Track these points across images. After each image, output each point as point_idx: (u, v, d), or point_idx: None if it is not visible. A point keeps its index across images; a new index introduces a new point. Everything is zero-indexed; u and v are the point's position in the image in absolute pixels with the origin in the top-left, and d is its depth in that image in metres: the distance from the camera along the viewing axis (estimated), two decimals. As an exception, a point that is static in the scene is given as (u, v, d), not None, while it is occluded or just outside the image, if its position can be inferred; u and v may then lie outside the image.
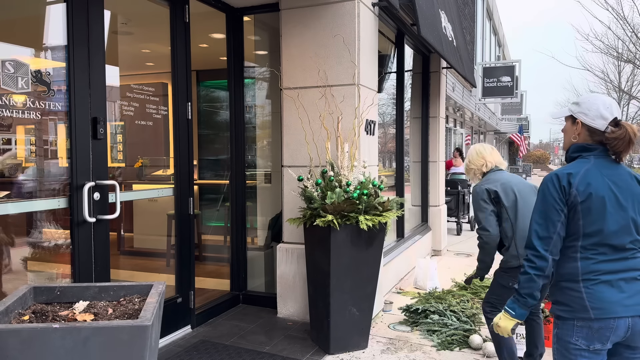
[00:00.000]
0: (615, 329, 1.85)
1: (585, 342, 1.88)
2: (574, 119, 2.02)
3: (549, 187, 1.94)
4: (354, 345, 3.70)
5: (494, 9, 19.67)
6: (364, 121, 4.06)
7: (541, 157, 53.94)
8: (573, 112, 2.02)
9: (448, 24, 6.12)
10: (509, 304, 2.07)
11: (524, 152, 29.58)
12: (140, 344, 1.71)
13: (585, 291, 1.89)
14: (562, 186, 1.92)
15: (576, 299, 1.90)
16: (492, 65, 14.54)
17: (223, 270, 4.98)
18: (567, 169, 1.95)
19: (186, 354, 3.55)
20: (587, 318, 1.87)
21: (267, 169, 4.93)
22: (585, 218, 1.89)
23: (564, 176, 1.92)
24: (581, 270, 1.91)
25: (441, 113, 7.47)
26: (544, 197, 1.95)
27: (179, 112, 3.88)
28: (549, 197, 1.93)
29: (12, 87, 2.61)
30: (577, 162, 1.98)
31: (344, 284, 3.55)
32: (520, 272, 1.99)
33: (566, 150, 2.06)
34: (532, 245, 1.95)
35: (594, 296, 1.87)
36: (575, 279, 1.92)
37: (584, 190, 1.89)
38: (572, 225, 1.92)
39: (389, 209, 3.69)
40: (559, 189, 1.92)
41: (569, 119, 2.05)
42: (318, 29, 4.10)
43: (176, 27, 3.83)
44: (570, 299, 1.92)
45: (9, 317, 1.83)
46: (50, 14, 2.98)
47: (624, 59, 22.79)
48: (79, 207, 2.92)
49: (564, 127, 2.10)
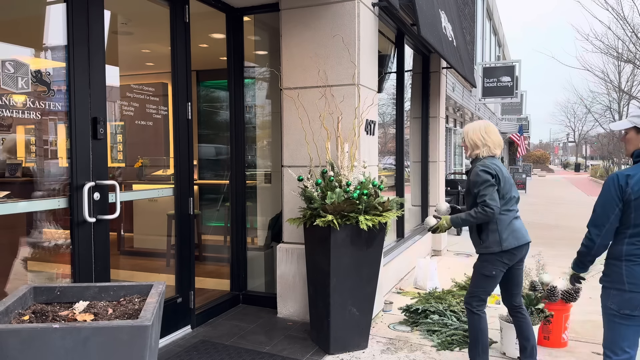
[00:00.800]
0: None
1: (617, 307, 2.42)
2: (638, 129, 2.47)
3: (610, 184, 2.42)
4: (354, 345, 3.70)
5: (494, 9, 19.67)
6: (364, 121, 4.06)
7: (541, 157, 53.92)
8: (637, 123, 2.47)
9: (448, 24, 6.12)
10: (572, 266, 2.70)
11: (523, 152, 29.57)
12: (140, 344, 1.71)
13: (625, 269, 2.40)
14: (620, 185, 2.39)
15: (617, 273, 2.43)
16: (492, 65, 14.54)
17: (223, 270, 4.99)
18: (627, 171, 2.42)
19: (186, 354, 3.55)
20: (621, 289, 2.40)
21: (267, 169, 4.93)
22: (636, 212, 2.36)
23: (622, 177, 2.39)
24: (625, 252, 2.41)
25: (441, 113, 7.47)
26: (606, 192, 2.43)
27: (179, 112, 3.88)
28: (609, 192, 2.42)
29: (12, 87, 2.61)
30: (637, 166, 2.43)
31: (344, 284, 3.55)
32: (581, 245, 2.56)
33: (631, 155, 2.51)
34: (588, 228, 2.49)
35: (630, 273, 2.38)
36: (620, 258, 2.43)
37: (638, 190, 2.34)
38: (625, 217, 2.40)
39: (389, 209, 3.69)
40: (617, 187, 2.39)
41: (633, 129, 2.50)
42: (318, 29, 4.10)
43: (176, 27, 3.83)
44: (613, 272, 2.45)
45: (9, 317, 1.83)
46: (50, 14, 2.98)
47: (624, 59, 22.76)
48: (79, 207, 2.92)
49: (627, 136, 2.52)
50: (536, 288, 3.85)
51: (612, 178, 2.42)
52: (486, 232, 3.14)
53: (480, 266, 3.19)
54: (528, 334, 3.27)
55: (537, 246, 8.14)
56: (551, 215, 12.88)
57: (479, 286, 3.19)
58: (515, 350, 3.58)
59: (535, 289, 3.84)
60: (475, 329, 3.19)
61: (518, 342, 3.35)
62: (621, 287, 2.40)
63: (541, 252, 4.67)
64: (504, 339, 3.65)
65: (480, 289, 3.19)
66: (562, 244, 8.51)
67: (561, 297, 3.79)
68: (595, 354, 3.70)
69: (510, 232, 3.12)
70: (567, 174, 43.20)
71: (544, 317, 3.69)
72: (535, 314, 3.63)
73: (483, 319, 3.18)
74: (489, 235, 3.13)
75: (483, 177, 3.07)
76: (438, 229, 3.34)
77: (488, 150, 3.21)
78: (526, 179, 21.82)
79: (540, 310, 3.66)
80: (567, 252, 7.63)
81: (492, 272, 3.13)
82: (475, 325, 3.19)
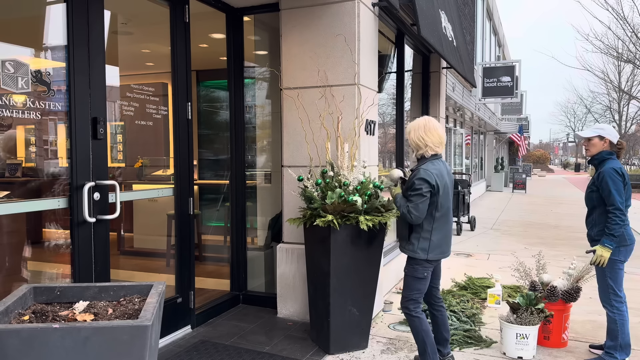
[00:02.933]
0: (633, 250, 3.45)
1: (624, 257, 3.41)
2: (601, 137, 3.45)
3: (616, 175, 3.31)
4: (354, 345, 3.70)
5: (494, 9, 19.66)
6: (364, 121, 4.06)
7: (541, 157, 53.87)
8: (601, 134, 3.45)
9: (448, 24, 6.12)
10: (607, 243, 3.33)
11: (524, 152, 29.56)
12: (140, 344, 1.71)
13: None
14: (622, 174, 3.33)
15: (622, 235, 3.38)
16: (492, 65, 14.52)
17: (223, 270, 4.99)
18: (618, 164, 3.38)
19: (186, 354, 3.55)
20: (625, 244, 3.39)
21: (267, 169, 4.93)
22: (627, 192, 3.35)
23: (620, 167, 3.36)
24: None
25: (441, 113, 7.47)
26: (616, 181, 3.31)
27: (179, 112, 3.88)
28: (618, 181, 3.31)
29: (12, 87, 2.61)
30: (615, 161, 3.42)
31: (344, 284, 3.55)
32: (614, 223, 3.28)
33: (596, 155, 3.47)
34: (620, 208, 3.28)
35: (629, 233, 3.40)
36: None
37: (627, 176, 3.36)
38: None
39: (390, 209, 3.69)
40: (620, 175, 3.32)
41: (597, 137, 3.46)
42: (318, 29, 4.10)
43: (176, 27, 3.83)
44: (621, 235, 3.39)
45: (9, 317, 1.83)
46: (50, 14, 2.98)
47: (624, 59, 22.79)
48: (79, 207, 2.92)
49: (592, 141, 3.48)
50: (536, 288, 3.84)
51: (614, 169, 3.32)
52: (417, 236, 3.15)
53: (411, 270, 3.20)
54: (443, 329, 3.38)
55: (537, 246, 8.15)
56: (551, 215, 12.88)
57: (413, 289, 3.19)
58: (516, 350, 3.58)
59: (535, 289, 3.84)
60: (419, 332, 3.17)
61: (437, 336, 3.37)
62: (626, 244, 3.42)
63: (541, 252, 4.66)
64: (504, 339, 3.65)
65: (415, 292, 3.19)
66: (562, 244, 8.51)
67: (561, 297, 3.79)
68: (591, 352, 3.70)
69: (437, 245, 3.14)
70: (567, 174, 43.19)
71: (544, 317, 3.68)
72: (535, 314, 3.62)
73: (423, 320, 3.18)
74: (419, 240, 3.14)
75: (417, 185, 3.05)
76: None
77: (431, 149, 3.15)
78: (526, 179, 21.82)
79: (540, 310, 3.66)
80: (567, 252, 7.64)
81: (424, 273, 3.17)
82: (418, 328, 3.17)
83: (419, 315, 3.17)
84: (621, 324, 3.42)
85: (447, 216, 3.17)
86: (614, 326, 3.44)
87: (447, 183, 3.15)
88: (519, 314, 3.64)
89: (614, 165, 3.38)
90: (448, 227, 3.20)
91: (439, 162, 3.16)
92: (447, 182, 3.15)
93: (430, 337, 3.17)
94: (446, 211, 3.15)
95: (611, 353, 3.45)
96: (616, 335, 3.43)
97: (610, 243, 3.32)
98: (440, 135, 3.16)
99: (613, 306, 3.44)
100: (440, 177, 3.08)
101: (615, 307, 3.44)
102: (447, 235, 3.21)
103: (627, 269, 3.75)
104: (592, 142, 3.48)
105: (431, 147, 3.14)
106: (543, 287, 3.90)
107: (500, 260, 6.95)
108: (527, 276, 4.11)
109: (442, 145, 3.18)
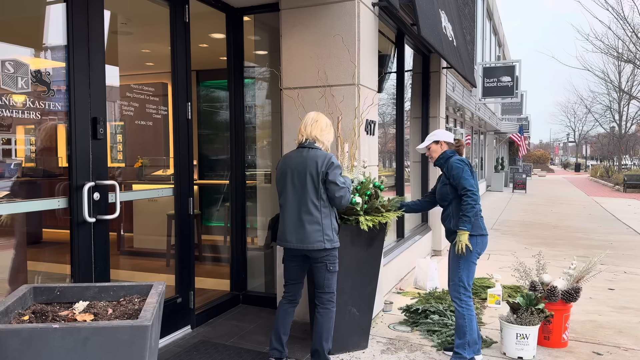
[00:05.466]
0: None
1: (480, 250, 3.48)
2: (436, 142, 3.62)
3: (461, 162, 3.42)
4: (354, 345, 3.70)
5: (494, 9, 19.66)
6: (364, 121, 4.06)
7: (541, 157, 53.88)
8: (434, 140, 3.62)
9: (448, 24, 6.12)
10: (462, 225, 3.31)
11: (524, 152, 29.58)
12: (140, 344, 1.70)
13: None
14: (467, 163, 3.44)
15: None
16: (492, 65, 14.52)
17: (223, 270, 4.99)
18: (463, 158, 3.50)
19: (186, 354, 3.55)
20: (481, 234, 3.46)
21: (267, 169, 4.93)
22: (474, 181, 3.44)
23: (463, 159, 3.48)
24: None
25: (441, 113, 7.47)
26: (463, 167, 3.38)
27: (179, 112, 3.88)
28: (465, 167, 3.39)
29: (12, 87, 2.61)
30: (457, 156, 3.53)
31: (344, 284, 3.55)
32: (466, 204, 3.30)
33: (440, 156, 3.58)
34: (470, 189, 3.32)
35: (482, 224, 3.50)
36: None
37: (471, 166, 3.48)
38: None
39: (390, 209, 3.69)
40: (466, 164, 3.42)
41: (432, 143, 3.62)
42: (318, 29, 4.10)
43: (176, 27, 3.83)
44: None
45: (9, 317, 1.83)
46: (50, 14, 2.98)
47: (624, 59, 22.79)
48: (79, 207, 2.92)
49: (430, 150, 3.63)
50: (536, 288, 3.84)
51: (462, 162, 3.42)
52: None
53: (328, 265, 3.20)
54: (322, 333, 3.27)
55: (537, 246, 8.15)
56: (551, 215, 12.88)
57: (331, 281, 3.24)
58: (516, 351, 3.58)
59: (535, 289, 3.84)
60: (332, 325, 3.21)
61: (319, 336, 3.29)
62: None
63: (541, 252, 4.66)
64: (504, 339, 3.65)
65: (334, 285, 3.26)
66: (562, 244, 8.51)
67: (561, 297, 3.79)
68: (595, 354, 3.70)
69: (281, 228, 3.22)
70: (567, 174, 43.19)
71: (544, 317, 3.68)
72: (535, 314, 3.62)
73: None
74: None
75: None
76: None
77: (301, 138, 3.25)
78: (526, 179, 21.81)
79: (540, 311, 3.66)
80: (567, 252, 7.64)
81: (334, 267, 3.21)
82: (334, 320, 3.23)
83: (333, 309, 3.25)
84: (469, 320, 3.38)
85: (283, 200, 3.20)
86: (462, 322, 3.39)
87: (286, 169, 3.18)
88: (519, 314, 3.63)
89: (458, 157, 3.49)
90: (284, 212, 3.20)
91: (292, 151, 3.26)
92: (292, 166, 3.16)
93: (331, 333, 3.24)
94: (280, 194, 3.21)
95: (459, 353, 3.39)
96: (464, 331, 3.38)
97: (466, 225, 3.31)
98: (306, 124, 3.24)
99: (462, 300, 3.40)
100: (282, 164, 3.22)
101: (464, 302, 3.40)
102: (286, 220, 3.20)
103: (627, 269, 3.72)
104: (431, 149, 3.61)
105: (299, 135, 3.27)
106: (543, 287, 3.90)
107: (500, 260, 6.95)
108: (527, 276, 4.11)
109: (301, 133, 3.24)
